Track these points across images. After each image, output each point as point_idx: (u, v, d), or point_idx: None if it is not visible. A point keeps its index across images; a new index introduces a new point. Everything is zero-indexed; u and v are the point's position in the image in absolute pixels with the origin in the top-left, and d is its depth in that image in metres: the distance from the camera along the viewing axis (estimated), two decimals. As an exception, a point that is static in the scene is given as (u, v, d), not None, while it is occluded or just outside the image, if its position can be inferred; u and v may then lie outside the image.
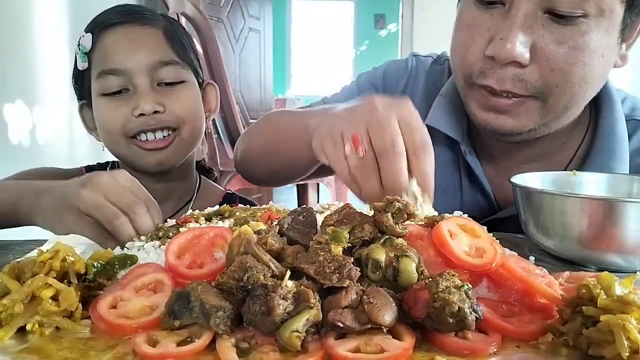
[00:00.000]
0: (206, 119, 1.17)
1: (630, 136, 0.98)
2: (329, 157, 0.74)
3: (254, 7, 4.53)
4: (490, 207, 1.03)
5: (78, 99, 1.14)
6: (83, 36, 1.06)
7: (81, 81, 1.10)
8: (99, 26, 1.06)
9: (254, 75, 4.55)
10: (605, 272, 0.51)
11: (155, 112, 1.02)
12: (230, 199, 1.23)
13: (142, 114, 1.02)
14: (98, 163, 1.24)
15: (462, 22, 0.92)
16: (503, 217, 0.99)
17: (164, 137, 1.05)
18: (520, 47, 0.83)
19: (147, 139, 1.05)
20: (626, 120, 0.98)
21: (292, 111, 1.09)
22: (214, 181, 1.31)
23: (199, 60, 1.16)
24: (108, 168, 1.20)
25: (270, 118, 1.15)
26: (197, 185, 1.21)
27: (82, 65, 1.06)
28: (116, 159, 1.18)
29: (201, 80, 1.16)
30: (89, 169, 1.19)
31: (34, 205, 0.82)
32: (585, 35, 0.83)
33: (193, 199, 1.18)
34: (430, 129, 1.03)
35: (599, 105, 0.98)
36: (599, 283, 0.49)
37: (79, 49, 1.06)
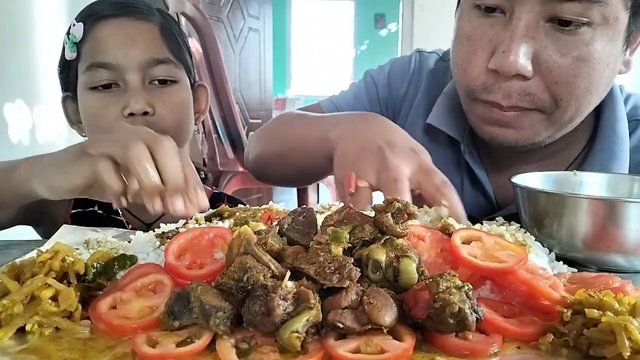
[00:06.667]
0: (196, 120, 1.14)
1: (630, 134, 0.97)
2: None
3: (254, 7, 4.53)
4: (491, 207, 1.03)
5: (62, 90, 1.10)
6: (74, 25, 1.02)
7: (67, 72, 1.06)
8: (92, 17, 1.02)
9: (253, 75, 4.55)
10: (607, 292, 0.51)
11: (145, 113, 0.99)
12: (217, 198, 1.20)
13: (131, 114, 0.98)
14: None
15: (462, 33, 0.89)
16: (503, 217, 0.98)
17: None
18: (523, 59, 0.80)
19: None
20: (628, 121, 0.97)
21: (305, 115, 1.08)
22: (203, 180, 1.27)
23: (192, 60, 1.13)
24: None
25: (283, 121, 1.14)
26: None
27: (71, 55, 1.02)
28: None
29: (192, 81, 1.13)
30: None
31: (34, 167, 0.78)
32: (589, 44, 0.81)
33: None
34: (432, 128, 1.03)
35: (601, 105, 0.97)
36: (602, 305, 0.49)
37: (68, 37, 1.02)
